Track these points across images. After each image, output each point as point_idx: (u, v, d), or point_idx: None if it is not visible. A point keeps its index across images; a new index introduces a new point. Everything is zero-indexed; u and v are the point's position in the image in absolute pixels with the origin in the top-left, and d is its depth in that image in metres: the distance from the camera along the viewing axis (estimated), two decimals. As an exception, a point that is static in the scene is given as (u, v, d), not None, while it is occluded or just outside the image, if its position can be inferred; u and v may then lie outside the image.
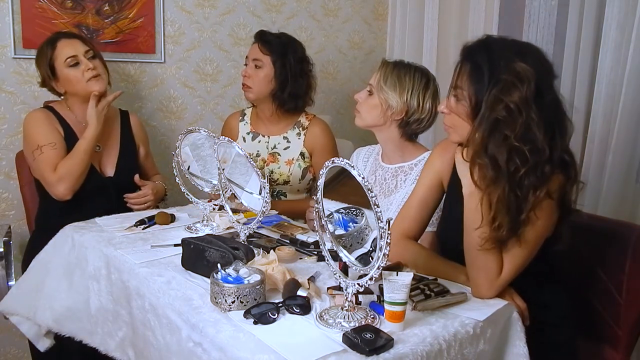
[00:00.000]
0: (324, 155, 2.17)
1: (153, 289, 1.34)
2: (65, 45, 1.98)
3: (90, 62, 1.98)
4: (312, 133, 2.24)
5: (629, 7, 2.13)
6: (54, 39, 2.00)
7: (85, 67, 1.97)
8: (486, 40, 1.36)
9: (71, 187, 1.92)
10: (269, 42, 2.17)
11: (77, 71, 1.97)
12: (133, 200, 2.05)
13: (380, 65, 1.80)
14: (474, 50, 1.35)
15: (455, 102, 1.37)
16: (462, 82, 1.34)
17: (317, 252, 1.54)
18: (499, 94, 1.26)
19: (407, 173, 1.80)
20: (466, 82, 1.33)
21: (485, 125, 1.28)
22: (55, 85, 2.02)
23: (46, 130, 1.98)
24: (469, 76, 1.33)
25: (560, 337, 1.45)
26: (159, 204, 2.16)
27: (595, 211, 2.22)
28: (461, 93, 1.35)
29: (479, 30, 2.71)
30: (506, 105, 1.25)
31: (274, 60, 2.16)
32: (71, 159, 1.93)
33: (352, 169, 1.10)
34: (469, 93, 1.32)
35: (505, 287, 1.34)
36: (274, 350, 1.04)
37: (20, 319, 1.77)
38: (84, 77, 1.97)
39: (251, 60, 2.19)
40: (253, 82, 2.17)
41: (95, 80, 1.98)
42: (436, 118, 1.81)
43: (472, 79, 1.32)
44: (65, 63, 1.96)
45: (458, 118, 1.37)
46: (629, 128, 2.16)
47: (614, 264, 1.61)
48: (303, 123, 2.26)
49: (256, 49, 2.18)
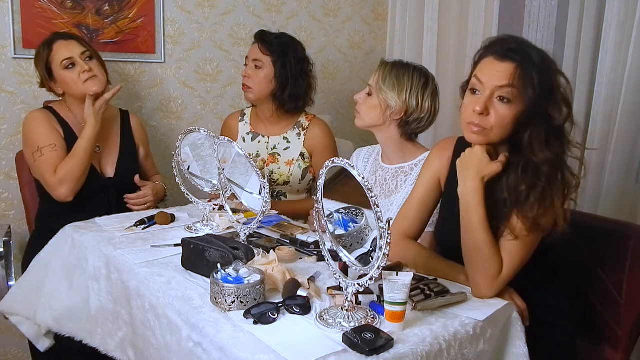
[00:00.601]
0: (324, 156, 2.16)
1: (153, 289, 1.34)
2: (62, 47, 1.97)
3: (86, 64, 1.97)
4: (312, 133, 2.24)
5: (629, 8, 2.13)
6: (50, 41, 2.00)
7: (81, 69, 1.96)
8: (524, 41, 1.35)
9: (72, 189, 1.92)
10: (269, 42, 2.17)
11: (74, 73, 1.96)
12: (133, 201, 2.05)
13: (378, 66, 1.80)
14: (524, 51, 1.30)
15: (505, 103, 1.29)
16: (518, 82, 1.27)
17: (317, 252, 1.54)
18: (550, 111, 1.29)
19: (408, 173, 1.80)
20: (523, 85, 1.27)
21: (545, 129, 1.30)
22: (53, 86, 2.02)
23: (46, 131, 1.97)
24: (527, 79, 1.27)
25: (560, 337, 1.45)
26: (159, 204, 2.16)
27: (595, 211, 2.22)
28: (513, 93, 1.28)
29: (479, 30, 2.71)
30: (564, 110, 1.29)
31: (274, 61, 2.16)
32: (71, 160, 1.93)
33: (352, 169, 1.10)
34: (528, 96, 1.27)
35: (505, 286, 1.34)
36: (274, 350, 1.04)
37: (20, 319, 1.77)
38: (80, 79, 1.96)
39: (251, 60, 2.18)
40: (253, 82, 2.17)
41: (92, 82, 1.97)
42: (436, 117, 1.81)
43: (525, 83, 1.27)
44: (61, 65, 1.96)
45: (504, 119, 1.30)
46: (629, 128, 2.16)
47: (614, 264, 1.61)
48: (303, 123, 2.25)
49: (256, 49, 2.18)
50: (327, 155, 2.14)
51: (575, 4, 2.33)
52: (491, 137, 1.33)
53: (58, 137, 1.99)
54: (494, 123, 1.30)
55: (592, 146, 2.25)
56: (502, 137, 1.33)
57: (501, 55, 1.30)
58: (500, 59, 1.30)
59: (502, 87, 1.28)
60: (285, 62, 2.17)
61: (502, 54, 1.30)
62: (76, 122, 2.05)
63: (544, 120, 1.29)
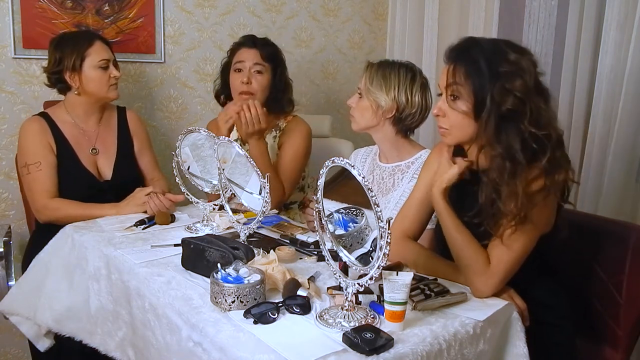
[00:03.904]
0: (286, 154, 2.14)
1: (153, 289, 1.34)
2: (103, 48, 2.01)
3: (115, 71, 2.03)
4: (285, 134, 2.21)
5: (629, 8, 2.13)
6: (92, 36, 2.03)
7: (112, 74, 2.01)
8: (473, 39, 1.37)
9: (50, 222, 1.92)
10: (266, 48, 2.14)
11: (105, 75, 2.00)
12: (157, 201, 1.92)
13: (365, 68, 1.81)
14: (465, 48, 1.35)
15: (453, 100, 1.35)
16: (460, 79, 1.33)
17: (317, 252, 1.54)
18: (505, 85, 1.27)
19: (404, 171, 1.80)
20: (464, 79, 1.32)
21: (495, 119, 1.28)
22: (71, 78, 1.98)
23: (35, 146, 1.97)
24: (467, 72, 1.31)
25: (560, 337, 1.45)
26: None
27: (595, 211, 2.22)
28: (459, 90, 1.33)
29: (479, 30, 2.71)
30: (514, 95, 1.26)
31: (274, 67, 2.15)
32: (72, 209, 1.90)
33: (352, 168, 1.10)
34: (471, 89, 1.31)
35: (505, 286, 1.34)
36: (274, 350, 1.04)
37: (20, 319, 1.77)
38: (108, 83, 2.01)
39: (251, 65, 2.11)
40: (256, 88, 2.11)
41: (114, 89, 2.04)
42: (429, 110, 1.81)
43: (471, 75, 1.31)
44: (97, 63, 1.98)
45: (457, 117, 1.35)
46: (629, 128, 2.16)
47: (614, 264, 1.61)
48: (280, 125, 2.23)
49: (254, 54, 2.12)
50: (290, 153, 2.14)
51: (575, 4, 2.33)
52: (457, 137, 1.38)
53: (46, 153, 1.97)
54: (451, 122, 1.36)
55: (592, 146, 2.26)
56: (465, 135, 1.36)
57: (446, 58, 1.38)
58: (445, 61, 1.38)
59: (448, 86, 1.35)
60: (282, 68, 2.18)
61: (447, 57, 1.38)
62: (73, 126, 2.04)
63: (494, 109, 1.28)
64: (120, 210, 1.90)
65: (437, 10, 2.90)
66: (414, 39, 3.06)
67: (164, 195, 1.90)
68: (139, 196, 1.92)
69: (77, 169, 2.00)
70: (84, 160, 2.02)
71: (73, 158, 2.00)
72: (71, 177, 1.99)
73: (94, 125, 2.09)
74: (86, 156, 2.03)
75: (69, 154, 2.00)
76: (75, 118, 2.05)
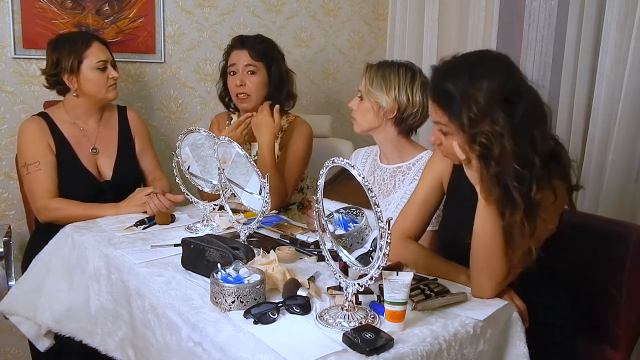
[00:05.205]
0: (288, 156, 2.14)
1: (153, 289, 1.34)
2: (100, 49, 2.01)
3: (113, 72, 2.02)
4: (287, 134, 2.21)
5: (629, 8, 2.13)
6: (89, 37, 2.02)
7: (110, 74, 2.01)
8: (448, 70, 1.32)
9: (51, 222, 1.92)
10: (256, 47, 2.12)
11: (103, 76, 2.00)
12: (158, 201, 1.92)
13: (364, 70, 1.80)
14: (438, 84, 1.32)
15: (445, 135, 1.34)
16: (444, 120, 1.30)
17: (317, 252, 1.54)
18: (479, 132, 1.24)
19: (405, 173, 1.80)
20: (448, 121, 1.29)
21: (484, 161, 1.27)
22: (69, 80, 1.98)
23: (34, 146, 1.97)
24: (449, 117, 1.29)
25: (560, 337, 1.45)
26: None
27: (595, 211, 2.22)
28: (447, 128, 1.31)
29: (479, 30, 2.71)
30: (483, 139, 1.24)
31: (268, 64, 2.13)
32: (74, 209, 1.90)
33: (352, 168, 1.10)
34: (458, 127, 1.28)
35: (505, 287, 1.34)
36: (274, 350, 1.04)
37: (20, 319, 1.77)
38: (106, 84, 2.01)
39: (242, 67, 2.11)
40: (251, 89, 2.11)
41: (112, 89, 2.04)
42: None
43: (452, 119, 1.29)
44: (95, 64, 1.98)
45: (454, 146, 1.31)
46: (629, 128, 2.15)
47: (614, 264, 1.61)
48: (283, 125, 2.22)
49: (244, 55, 2.11)
50: (292, 155, 2.14)
51: (575, 4, 2.33)
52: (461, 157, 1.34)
53: (45, 153, 1.97)
54: (448, 150, 1.34)
55: (592, 146, 2.26)
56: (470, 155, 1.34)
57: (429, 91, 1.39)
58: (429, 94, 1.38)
59: (436, 123, 1.35)
60: (277, 63, 2.15)
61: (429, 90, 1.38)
62: (72, 127, 2.04)
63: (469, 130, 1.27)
64: (120, 211, 1.89)
65: (437, 10, 2.90)
66: (414, 39, 3.05)
67: (164, 195, 1.90)
68: (139, 196, 1.92)
69: (77, 169, 2.00)
70: (84, 160, 2.02)
71: (73, 158, 2.00)
72: (71, 177, 1.99)
73: (94, 125, 2.09)
74: (86, 156, 2.03)
75: (69, 154, 2.00)
76: (75, 118, 2.05)
